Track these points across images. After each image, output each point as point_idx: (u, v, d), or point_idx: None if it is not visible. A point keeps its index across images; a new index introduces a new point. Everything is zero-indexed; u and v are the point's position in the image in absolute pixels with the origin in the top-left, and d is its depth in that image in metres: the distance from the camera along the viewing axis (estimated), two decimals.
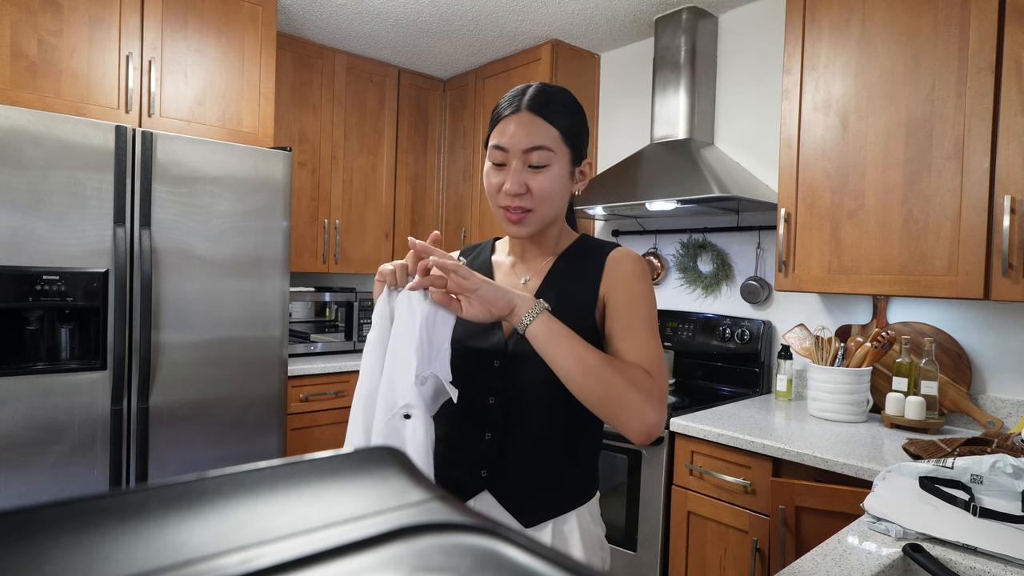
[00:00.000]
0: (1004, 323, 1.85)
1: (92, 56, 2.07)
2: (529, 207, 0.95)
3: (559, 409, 0.97)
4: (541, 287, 1.01)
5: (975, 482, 1.10)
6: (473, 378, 0.97)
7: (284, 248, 2.31)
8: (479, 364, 0.98)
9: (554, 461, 0.99)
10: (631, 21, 2.62)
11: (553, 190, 0.95)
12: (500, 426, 0.97)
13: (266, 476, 0.25)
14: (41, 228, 1.82)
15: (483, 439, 0.98)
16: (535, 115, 0.94)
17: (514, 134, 0.94)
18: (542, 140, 0.93)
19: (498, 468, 0.97)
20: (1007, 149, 1.57)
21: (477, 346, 0.99)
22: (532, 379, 0.96)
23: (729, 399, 2.19)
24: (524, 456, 0.97)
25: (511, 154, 0.94)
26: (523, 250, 1.06)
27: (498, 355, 0.97)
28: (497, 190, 0.96)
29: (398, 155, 3.26)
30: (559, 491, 0.99)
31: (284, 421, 2.34)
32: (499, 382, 0.97)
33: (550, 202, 0.96)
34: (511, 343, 0.97)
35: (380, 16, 2.66)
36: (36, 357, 1.87)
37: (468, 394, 0.97)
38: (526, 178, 0.94)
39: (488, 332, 0.99)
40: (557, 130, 0.95)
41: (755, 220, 2.41)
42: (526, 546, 0.22)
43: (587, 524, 1.01)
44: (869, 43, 1.82)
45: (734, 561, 1.74)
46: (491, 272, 1.07)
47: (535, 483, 0.98)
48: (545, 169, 0.94)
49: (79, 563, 0.19)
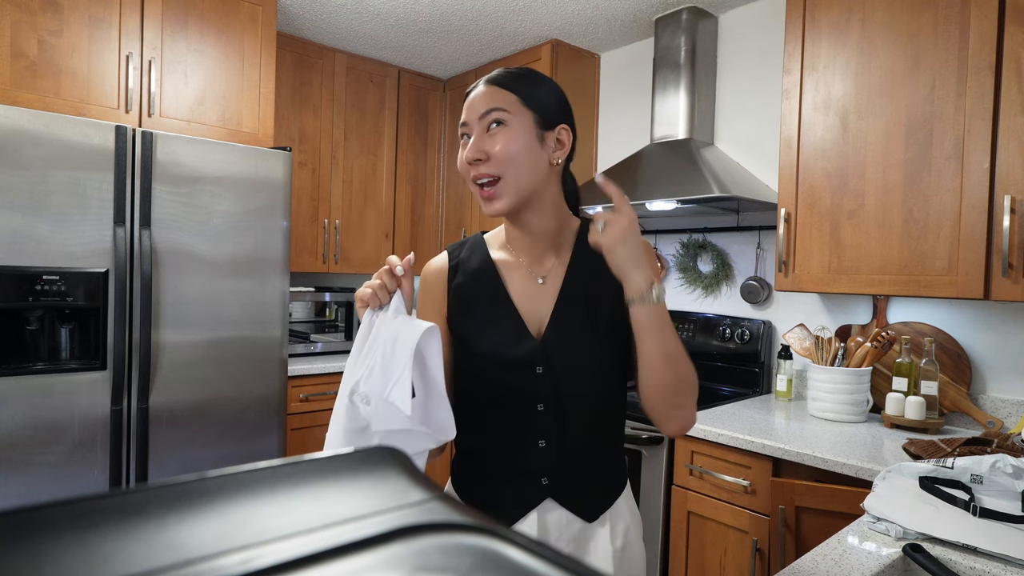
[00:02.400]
0: (1004, 323, 1.85)
1: (92, 56, 2.07)
2: (495, 172, 0.91)
3: (602, 404, 0.98)
4: (563, 288, 0.96)
5: (975, 482, 1.10)
6: (516, 389, 0.94)
7: (284, 248, 2.31)
8: (520, 374, 0.94)
9: (601, 455, 0.99)
10: (631, 21, 2.62)
11: (515, 151, 0.90)
12: (553, 431, 0.95)
13: (266, 476, 0.25)
14: (41, 228, 1.82)
15: (537, 447, 0.95)
16: (491, 85, 0.94)
17: (471, 105, 0.93)
18: (495, 103, 0.92)
19: (557, 473, 0.95)
20: (1007, 149, 1.57)
21: (513, 356, 0.94)
22: (577, 379, 0.94)
23: (729, 399, 2.19)
24: (578, 456, 0.96)
25: (470, 125, 0.93)
26: (529, 244, 0.99)
27: (538, 362, 0.94)
28: (465, 170, 0.94)
29: (398, 155, 3.26)
30: (609, 482, 1.00)
31: (284, 421, 2.34)
32: (546, 388, 0.94)
33: (515, 165, 0.91)
34: (549, 348, 0.94)
35: (380, 16, 2.66)
36: (36, 357, 1.87)
37: (513, 405, 0.95)
38: (483, 143, 0.91)
39: (519, 340, 0.95)
40: (514, 94, 0.93)
41: (755, 220, 2.41)
42: (526, 546, 0.22)
43: (632, 505, 1.03)
44: (869, 43, 1.82)
45: (734, 561, 1.74)
46: (497, 274, 0.99)
47: (590, 480, 0.98)
48: (501, 129, 0.91)
49: (79, 563, 0.19)
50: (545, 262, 0.99)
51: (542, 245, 0.99)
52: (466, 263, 1.01)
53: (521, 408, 0.94)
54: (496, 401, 0.96)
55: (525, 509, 0.95)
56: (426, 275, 1.03)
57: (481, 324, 0.96)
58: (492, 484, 0.98)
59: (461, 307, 0.99)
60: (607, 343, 0.95)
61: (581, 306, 0.95)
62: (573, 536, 0.95)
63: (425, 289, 1.03)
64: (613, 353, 0.97)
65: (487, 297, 0.98)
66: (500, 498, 0.96)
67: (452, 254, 1.03)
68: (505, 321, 0.95)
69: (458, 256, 1.03)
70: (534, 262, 0.99)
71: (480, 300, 0.98)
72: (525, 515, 0.95)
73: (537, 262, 0.99)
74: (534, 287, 0.98)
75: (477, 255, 1.02)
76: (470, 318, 0.98)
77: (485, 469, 0.99)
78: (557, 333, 0.94)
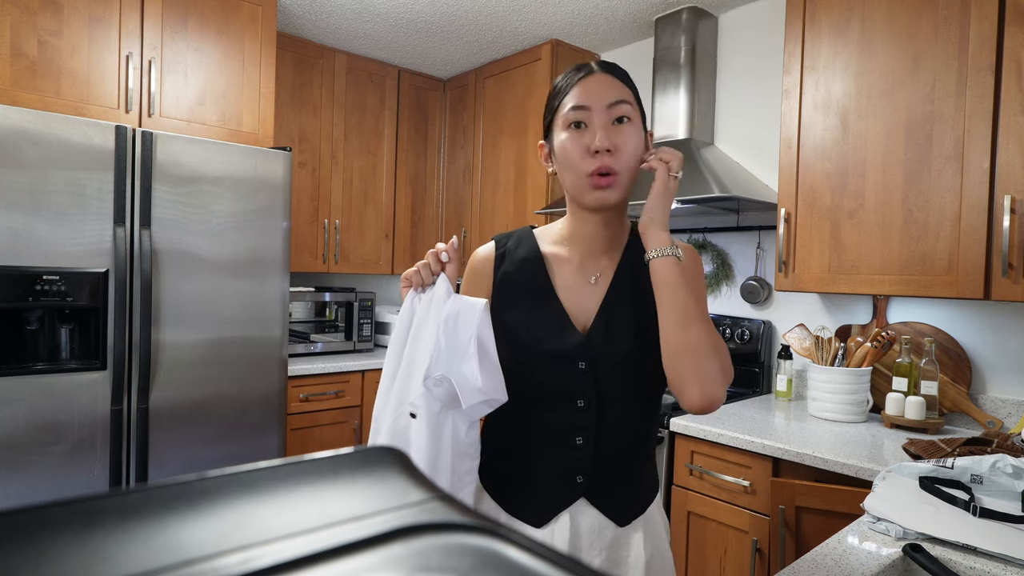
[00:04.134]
0: (1004, 323, 1.85)
1: (92, 56, 2.07)
2: (618, 168, 0.88)
3: (642, 406, 0.96)
4: (612, 288, 0.95)
5: (975, 482, 1.10)
6: (556, 382, 0.93)
7: (284, 248, 2.31)
8: (561, 368, 0.92)
9: (638, 458, 0.98)
10: (631, 21, 2.62)
11: (637, 149, 0.91)
12: (593, 429, 0.93)
13: (266, 476, 0.25)
14: (41, 228, 1.82)
15: (575, 443, 0.93)
16: (611, 75, 0.91)
17: (595, 90, 0.89)
18: (623, 95, 0.90)
19: (593, 473, 0.93)
20: (1007, 149, 1.57)
21: (555, 349, 0.92)
22: (620, 379, 0.93)
23: (729, 399, 2.19)
24: (615, 458, 0.94)
25: (594, 111, 0.89)
26: (590, 243, 0.97)
27: (582, 357, 0.92)
28: (581, 155, 0.89)
29: (398, 155, 3.26)
30: (644, 487, 0.99)
31: (284, 421, 2.34)
32: (587, 384, 0.92)
33: (632, 164, 0.91)
34: (594, 344, 0.92)
35: (380, 16, 2.66)
36: (36, 357, 1.87)
37: (552, 399, 0.93)
38: (612, 135, 0.88)
39: (563, 334, 0.93)
40: (631, 91, 0.92)
41: (755, 220, 2.41)
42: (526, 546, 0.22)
43: (662, 512, 1.02)
44: (869, 43, 1.82)
45: (734, 561, 1.74)
46: (544, 266, 0.97)
47: (626, 483, 0.96)
48: (629, 125, 0.90)
49: (79, 563, 0.19)
50: (600, 261, 0.98)
51: (602, 244, 0.98)
52: (513, 253, 1.00)
53: (561, 403, 0.93)
54: (535, 394, 0.94)
55: (558, 509, 0.93)
56: (473, 263, 1.03)
57: (525, 314, 0.95)
58: (525, 481, 0.96)
59: (505, 296, 0.97)
60: (651, 345, 0.93)
61: (628, 306, 0.94)
62: (607, 544, 0.93)
63: (471, 276, 1.02)
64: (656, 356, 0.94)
65: (532, 288, 0.96)
66: (533, 497, 0.95)
67: (499, 243, 1.02)
68: (550, 313, 0.94)
69: (505, 245, 1.01)
70: (588, 260, 0.98)
71: (525, 290, 0.97)
72: (557, 516, 0.93)
73: (592, 260, 0.98)
74: (583, 284, 0.96)
75: (525, 246, 1.01)
76: (514, 307, 0.96)
77: (519, 466, 0.96)
78: (603, 330, 0.93)
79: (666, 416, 1.90)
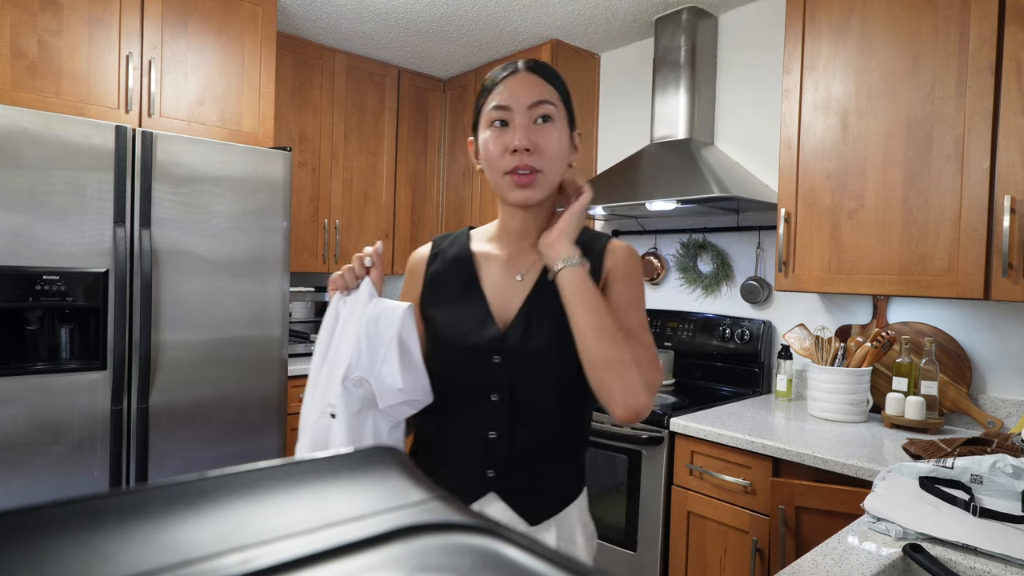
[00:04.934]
0: (1004, 323, 1.85)
1: (92, 56, 2.07)
2: (539, 167, 0.90)
3: (562, 404, 0.96)
4: (538, 285, 0.95)
5: (975, 482, 1.10)
6: (473, 375, 0.94)
7: (284, 248, 2.31)
8: (478, 361, 0.94)
9: (557, 457, 0.97)
10: (631, 21, 2.62)
11: (559, 148, 0.92)
12: (505, 424, 0.94)
13: (266, 476, 0.25)
14: (41, 228, 1.82)
15: (487, 438, 0.94)
16: (534, 74, 0.93)
17: (517, 90, 0.91)
18: (545, 94, 0.92)
19: (505, 468, 0.94)
20: (1007, 149, 1.57)
21: (473, 342, 0.94)
22: (536, 374, 0.93)
23: (729, 399, 2.19)
24: (530, 454, 0.95)
25: (515, 111, 0.90)
26: (518, 239, 0.99)
27: (498, 351, 0.93)
28: (501, 154, 0.91)
29: (398, 155, 3.26)
30: (562, 488, 0.98)
31: (284, 421, 2.34)
32: (502, 378, 0.93)
33: (556, 163, 0.92)
34: (511, 339, 0.93)
35: (380, 16, 2.66)
36: (36, 357, 1.87)
37: (468, 393, 0.94)
38: (533, 134, 0.90)
39: (482, 326, 0.94)
40: (556, 90, 0.94)
41: (755, 220, 2.41)
42: (526, 546, 0.22)
43: (584, 518, 1.01)
44: (869, 43, 1.82)
45: (734, 561, 1.74)
46: (473, 263, 1.00)
47: (540, 481, 0.96)
48: (551, 124, 0.91)
49: (79, 563, 0.19)
50: (528, 257, 0.99)
51: (531, 241, 0.99)
52: (446, 252, 1.03)
53: (475, 396, 0.94)
54: (452, 387, 0.95)
55: (467, 501, 0.93)
56: (410, 262, 1.06)
57: (448, 308, 0.98)
58: (440, 470, 0.97)
59: (433, 292, 1.00)
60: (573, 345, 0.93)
61: (552, 303, 0.94)
62: None
63: (407, 276, 1.06)
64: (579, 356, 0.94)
65: (459, 284, 0.99)
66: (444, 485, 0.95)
67: (436, 243, 1.06)
68: (472, 307, 0.96)
69: (440, 245, 1.05)
70: (517, 256, 0.99)
71: (452, 286, 0.99)
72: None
73: (520, 257, 0.99)
74: (510, 281, 0.98)
75: (458, 245, 1.03)
76: (439, 302, 0.99)
77: (436, 454, 0.99)
78: (522, 326, 0.93)
79: (666, 416, 1.90)
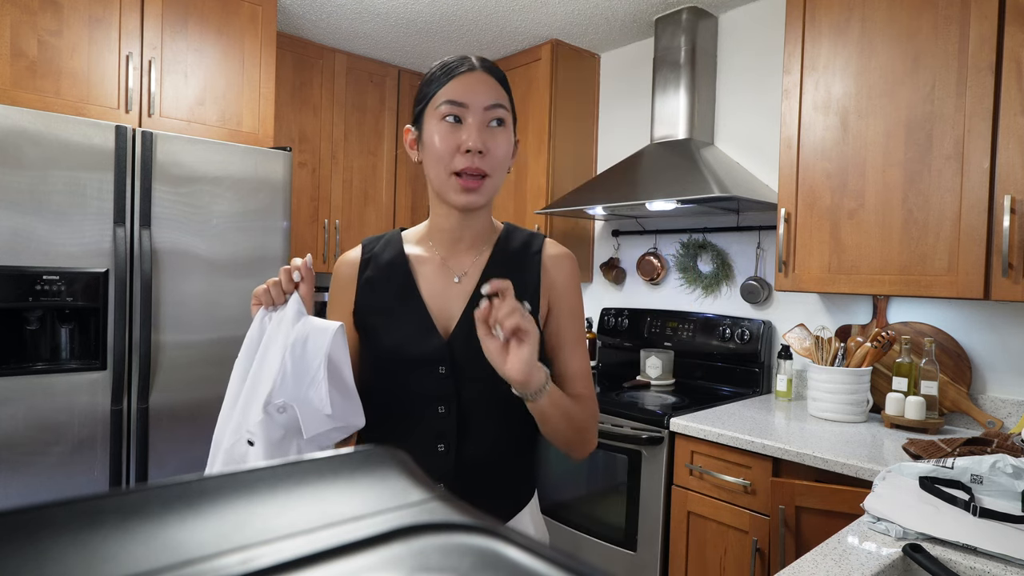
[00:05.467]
0: (1004, 323, 1.85)
1: (92, 56, 2.07)
2: (488, 170, 0.88)
3: (509, 412, 0.93)
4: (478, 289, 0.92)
5: (975, 482, 1.10)
6: (418, 388, 0.91)
7: (284, 248, 2.31)
8: (423, 373, 0.90)
9: (507, 464, 0.96)
10: (631, 21, 2.62)
11: (507, 154, 0.90)
12: (453, 435, 0.90)
13: (266, 476, 0.25)
14: (41, 228, 1.82)
15: (436, 451, 0.90)
16: (491, 76, 0.90)
17: (474, 89, 0.88)
18: (500, 98, 0.89)
19: (455, 479, 0.90)
20: (1007, 149, 1.57)
21: (416, 354, 0.90)
22: (482, 383, 0.90)
23: (729, 399, 2.19)
24: (479, 464, 0.92)
25: (471, 109, 0.87)
26: (452, 241, 0.96)
27: (442, 361, 0.90)
28: (452, 152, 0.87)
29: (398, 155, 3.26)
30: (513, 493, 0.97)
31: None
32: (448, 390, 0.90)
33: (502, 168, 0.90)
34: (455, 349, 0.90)
35: (380, 16, 2.66)
36: (36, 357, 1.87)
37: (414, 405, 0.91)
38: (485, 138, 0.87)
39: (425, 337, 0.90)
40: (507, 94, 0.92)
41: (755, 220, 2.41)
42: (526, 546, 0.22)
43: (537, 518, 1.00)
44: (869, 43, 1.82)
45: (734, 561, 1.74)
46: (409, 267, 0.95)
47: (491, 489, 0.94)
48: (502, 129, 0.89)
49: (79, 563, 0.19)
50: (464, 260, 0.96)
51: (467, 242, 0.96)
52: (379, 256, 0.98)
53: (421, 408, 0.91)
54: (397, 399, 0.92)
55: None
56: (339, 267, 1.00)
57: (387, 318, 0.93)
58: None
59: (368, 301, 0.95)
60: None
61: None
62: None
63: (336, 281, 1.00)
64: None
65: (396, 291, 0.94)
66: None
67: (367, 247, 1.00)
68: (412, 316, 0.92)
69: (372, 249, 0.99)
70: (453, 259, 0.96)
71: (388, 294, 0.94)
72: None
73: (456, 259, 0.96)
74: (448, 284, 0.94)
75: (391, 249, 0.98)
76: (376, 312, 0.94)
77: None
78: (466, 333, 0.89)
79: (666, 416, 1.90)
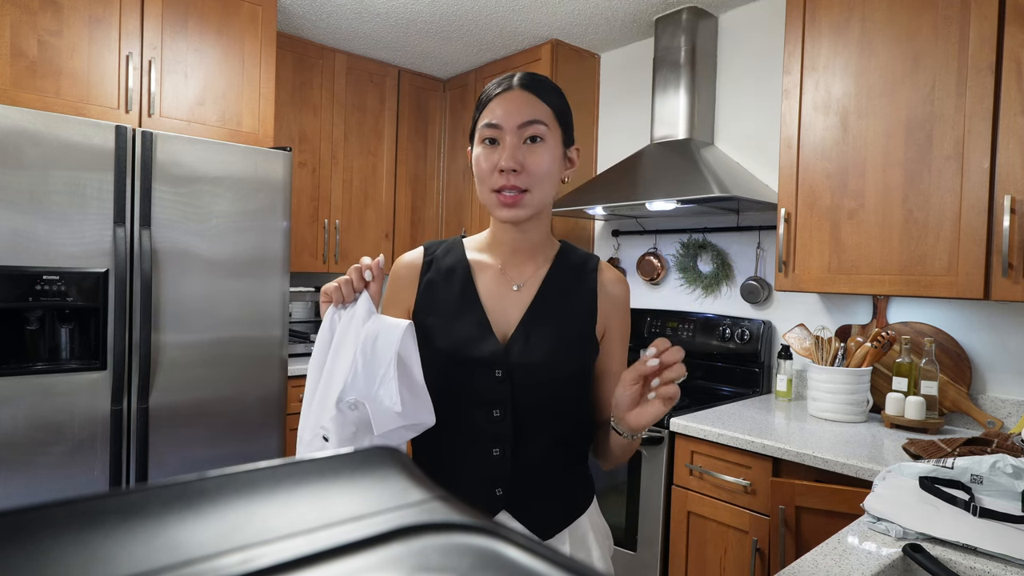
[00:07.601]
0: (1004, 323, 1.85)
1: (92, 56, 2.07)
2: (525, 187, 0.89)
3: (565, 416, 0.95)
4: (537, 298, 0.95)
5: (975, 482, 1.10)
6: (473, 391, 0.91)
7: (284, 248, 2.31)
8: (478, 376, 0.91)
9: (563, 469, 0.96)
10: (631, 21, 2.62)
11: (548, 168, 0.91)
12: (509, 440, 0.91)
13: (266, 476, 0.25)
14: (41, 228, 1.82)
15: (492, 455, 0.91)
16: (527, 91, 0.91)
17: (508, 109, 0.90)
18: (536, 115, 0.90)
19: (513, 485, 0.91)
20: (1007, 149, 1.57)
21: (474, 355, 0.91)
22: (537, 388, 0.92)
23: (729, 399, 2.19)
24: (536, 469, 0.93)
25: (505, 130, 0.89)
26: (512, 252, 0.98)
27: (499, 365, 0.90)
28: (490, 172, 0.90)
29: (398, 155, 3.26)
30: (571, 498, 0.97)
31: (284, 421, 2.34)
32: (503, 394, 0.90)
33: (545, 182, 0.91)
34: (512, 354, 0.91)
35: (380, 16, 2.66)
36: (36, 357, 1.87)
37: (469, 408, 0.92)
38: (521, 155, 0.89)
39: (482, 340, 0.92)
40: (549, 107, 0.92)
41: (755, 220, 2.41)
42: (526, 546, 0.22)
43: (597, 521, 1.01)
44: (869, 43, 1.82)
45: (734, 561, 1.74)
46: (470, 273, 0.97)
47: (549, 494, 0.95)
48: (540, 144, 0.90)
49: (79, 563, 0.19)
50: (524, 270, 0.98)
51: (525, 254, 0.98)
52: (441, 260, 0.99)
53: (476, 412, 0.92)
54: (452, 401, 0.92)
55: None
56: (397, 268, 1.01)
57: (446, 319, 0.94)
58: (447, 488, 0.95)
59: (429, 302, 0.96)
60: (573, 358, 0.94)
61: (552, 318, 0.94)
62: None
63: (395, 281, 1.01)
64: (579, 369, 0.95)
65: (456, 294, 0.95)
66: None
67: (428, 250, 1.01)
68: (470, 318, 0.93)
69: (434, 253, 1.01)
70: (512, 268, 0.98)
71: (448, 296, 0.96)
72: None
73: (516, 268, 0.98)
74: (507, 291, 0.96)
75: (454, 254, 1.00)
76: (435, 313, 0.95)
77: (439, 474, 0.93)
78: (523, 339, 0.92)
79: (666, 416, 1.90)
